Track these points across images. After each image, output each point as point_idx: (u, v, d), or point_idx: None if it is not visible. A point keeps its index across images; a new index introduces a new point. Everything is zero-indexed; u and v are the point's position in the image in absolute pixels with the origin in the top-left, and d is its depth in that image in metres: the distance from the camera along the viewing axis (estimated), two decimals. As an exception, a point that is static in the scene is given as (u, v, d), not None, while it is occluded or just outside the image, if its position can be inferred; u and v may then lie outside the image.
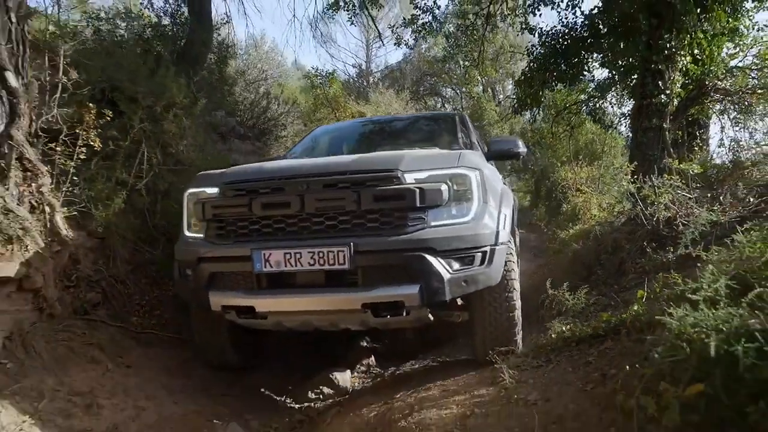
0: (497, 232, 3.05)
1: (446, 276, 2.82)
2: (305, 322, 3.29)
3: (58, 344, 3.44)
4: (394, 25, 11.13)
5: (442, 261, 2.82)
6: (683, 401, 1.68)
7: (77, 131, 3.92)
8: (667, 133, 5.75)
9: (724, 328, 1.74)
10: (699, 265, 2.72)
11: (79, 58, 4.51)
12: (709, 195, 5.14)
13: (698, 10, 5.76)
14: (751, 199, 4.59)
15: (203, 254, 3.10)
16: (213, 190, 3.19)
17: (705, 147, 6.98)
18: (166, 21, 7.98)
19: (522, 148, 4.23)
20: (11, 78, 3.54)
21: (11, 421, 2.70)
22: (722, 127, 7.34)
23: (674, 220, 4.71)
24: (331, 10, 9.39)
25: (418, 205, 2.82)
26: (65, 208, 3.84)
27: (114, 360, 3.63)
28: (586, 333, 3.24)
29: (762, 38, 7.49)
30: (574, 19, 7.53)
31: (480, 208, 2.99)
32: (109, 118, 4.04)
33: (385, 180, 2.89)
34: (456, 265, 2.87)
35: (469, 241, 2.90)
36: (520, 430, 2.27)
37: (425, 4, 9.64)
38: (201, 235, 3.19)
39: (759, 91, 6.44)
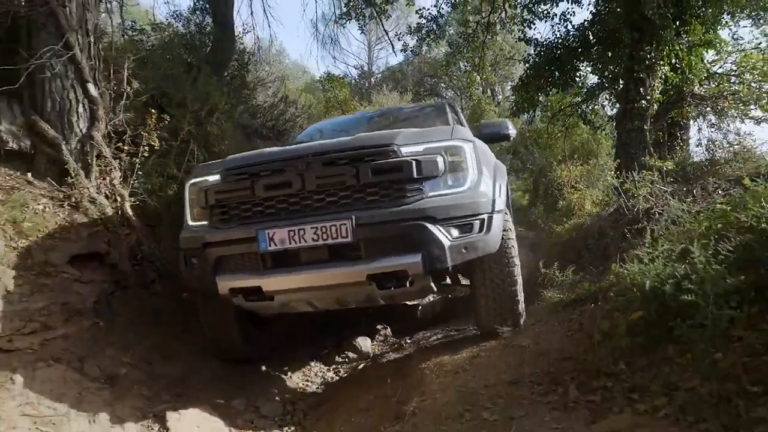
0: (493, 200, 3.13)
1: (446, 243, 2.89)
2: (312, 300, 3.34)
3: (133, 309, 4.13)
4: (399, 33, 11.80)
5: (441, 229, 2.90)
6: (629, 324, 2.39)
7: (140, 133, 4.61)
8: (647, 134, 6.45)
9: (660, 275, 2.45)
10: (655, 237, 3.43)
11: (135, 68, 5.19)
12: (684, 189, 5.83)
13: (676, 24, 6.46)
14: (720, 192, 5.30)
15: (208, 240, 3.15)
16: (214, 178, 3.26)
17: (685, 147, 7.69)
18: (191, 30, 8.67)
19: (511, 130, 4.39)
20: (92, 88, 4.24)
21: (113, 363, 3.41)
22: (699, 129, 8.06)
23: (651, 210, 5.40)
24: (342, 20, 10.14)
25: (415, 176, 2.90)
26: (131, 198, 4.53)
27: (175, 325, 4.31)
28: (570, 299, 3.96)
29: (740, 46, 8.22)
30: (566, 31, 8.27)
31: (475, 178, 3.07)
32: (166, 121, 4.74)
33: (383, 154, 2.97)
34: (455, 233, 2.94)
35: (466, 208, 2.97)
36: (516, 362, 2.98)
37: (429, 13, 10.36)
38: (205, 223, 3.26)
39: (730, 96, 7.14)
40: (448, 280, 3.74)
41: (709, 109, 7.75)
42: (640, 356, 2.33)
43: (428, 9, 10.26)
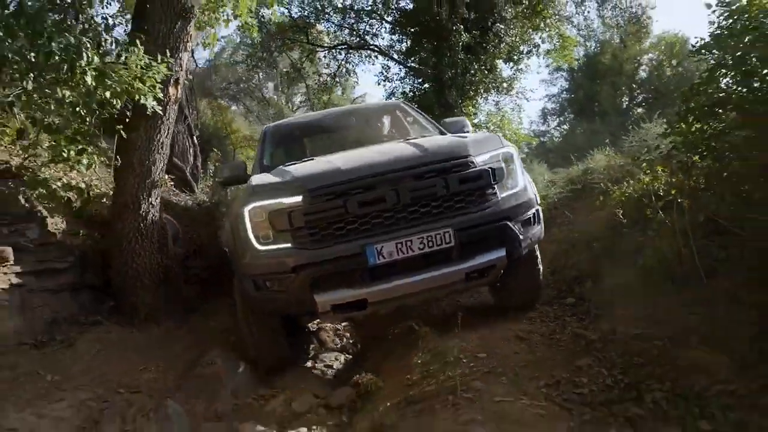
0: (535, 195, 3.61)
1: (521, 237, 3.31)
2: (406, 302, 3.58)
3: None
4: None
5: (516, 226, 3.30)
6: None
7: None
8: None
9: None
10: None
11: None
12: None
13: (461, 104, 11.99)
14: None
15: (304, 261, 3.16)
16: (294, 200, 3.21)
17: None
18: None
19: (470, 128, 4.75)
20: (195, 138, 7.58)
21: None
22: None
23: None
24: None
25: (492, 182, 3.25)
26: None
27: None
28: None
29: (489, 111, 14.43)
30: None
31: (523, 178, 3.53)
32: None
33: (465, 165, 3.26)
34: (522, 228, 3.35)
35: (527, 206, 3.44)
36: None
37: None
38: (287, 245, 3.22)
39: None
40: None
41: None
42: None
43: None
